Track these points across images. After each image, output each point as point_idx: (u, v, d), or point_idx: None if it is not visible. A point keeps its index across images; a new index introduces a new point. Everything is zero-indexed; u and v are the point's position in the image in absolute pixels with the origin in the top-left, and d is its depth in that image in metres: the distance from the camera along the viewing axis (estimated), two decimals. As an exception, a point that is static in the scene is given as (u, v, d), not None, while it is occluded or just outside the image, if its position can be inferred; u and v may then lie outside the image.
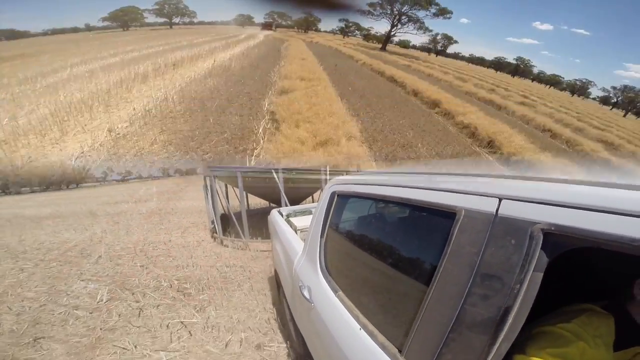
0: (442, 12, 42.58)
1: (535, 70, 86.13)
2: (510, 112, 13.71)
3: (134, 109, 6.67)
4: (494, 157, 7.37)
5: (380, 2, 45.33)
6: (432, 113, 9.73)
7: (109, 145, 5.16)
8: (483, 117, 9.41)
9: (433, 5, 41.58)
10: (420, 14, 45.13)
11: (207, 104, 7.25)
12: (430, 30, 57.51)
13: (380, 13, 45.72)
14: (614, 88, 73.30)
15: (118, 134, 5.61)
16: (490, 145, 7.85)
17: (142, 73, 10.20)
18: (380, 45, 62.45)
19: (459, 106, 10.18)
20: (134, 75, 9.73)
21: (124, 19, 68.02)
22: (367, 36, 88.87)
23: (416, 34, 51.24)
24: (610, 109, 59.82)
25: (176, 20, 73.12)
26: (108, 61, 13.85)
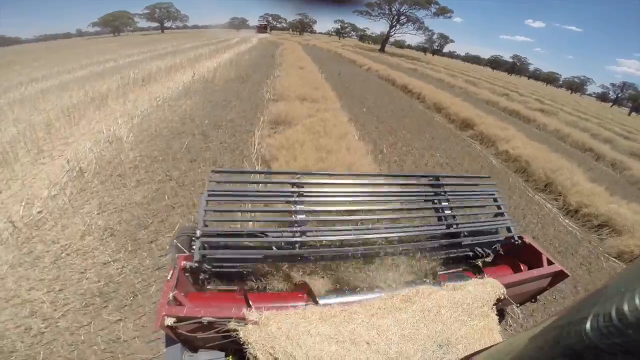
0: (443, 11, 40.32)
1: (531, 68, 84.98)
2: (540, 126, 11.71)
3: (68, 161, 4.45)
4: (554, 205, 5.30)
5: (378, 2, 43.02)
6: (471, 141, 7.52)
7: (19, 241, 2.96)
8: (528, 143, 7.29)
9: (433, 5, 39.34)
10: (420, 13, 43.11)
11: (173, 145, 5.03)
12: (430, 30, 55.36)
13: (379, 13, 43.37)
14: (613, 85, 72.34)
15: (40, 211, 3.43)
16: (549, 189, 5.71)
17: (103, 93, 7.96)
18: (376, 46, 60.29)
19: (495, 127, 8.03)
20: (92, 97, 7.48)
21: (115, 24, 65.39)
22: (363, 37, 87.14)
23: (415, 34, 49.19)
24: (611, 107, 58.53)
25: (169, 24, 70.61)
26: (74, 75, 11.55)
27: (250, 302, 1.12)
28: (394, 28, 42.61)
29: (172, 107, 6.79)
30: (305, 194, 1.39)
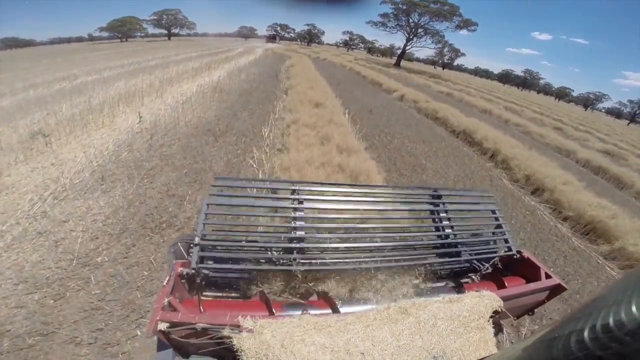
0: (466, 24, 36.00)
1: (542, 82, 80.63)
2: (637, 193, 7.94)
3: None
4: None
5: (394, 13, 39.02)
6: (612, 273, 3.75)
7: None
8: None
9: (455, 17, 35.12)
10: (441, 26, 38.74)
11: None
12: (450, 44, 51.34)
13: (396, 25, 39.23)
14: (631, 102, 67.86)
15: None
16: None
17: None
18: (385, 59, 56.37)
19: (627, 234, 4.24)
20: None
21: (122, 29, 62.08)
22: (371, 49, 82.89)
23: (434, 48, 45.10)
24: (628, 124, 54.68)
25: (177, 31, 67.13)
26: (6, 101, 7.95)
27: (248, 311, 1.07)
28: (410, 41, 38.58)
29: (50, 235, 2.97)
30: (305, 204, 1.34)
